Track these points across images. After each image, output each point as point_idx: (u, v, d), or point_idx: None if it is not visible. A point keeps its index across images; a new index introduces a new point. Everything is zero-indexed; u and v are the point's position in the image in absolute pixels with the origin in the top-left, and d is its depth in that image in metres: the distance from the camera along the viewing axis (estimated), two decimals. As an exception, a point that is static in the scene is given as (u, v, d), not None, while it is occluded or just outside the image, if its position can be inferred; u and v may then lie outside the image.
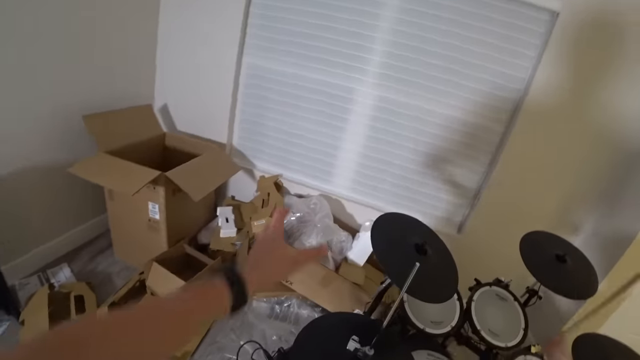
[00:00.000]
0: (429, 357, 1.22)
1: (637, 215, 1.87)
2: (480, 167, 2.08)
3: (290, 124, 2.23)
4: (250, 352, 1.22)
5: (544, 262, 1.35)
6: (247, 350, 1.31)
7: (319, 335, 0.86)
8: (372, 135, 2.13)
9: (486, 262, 1.86)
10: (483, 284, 1.50)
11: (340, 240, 1.93)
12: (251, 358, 1.12)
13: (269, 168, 2.32)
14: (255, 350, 1.15)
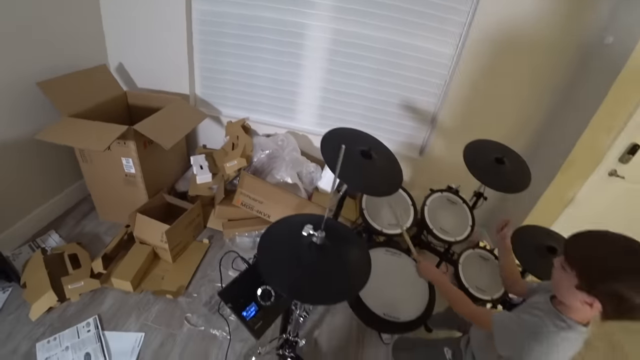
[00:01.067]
0: (386, 253, 1.42)
1: (577, 129, 2.08)
2: (436, 90, 2.19)
3: (249, 66, 2.23)
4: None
5: (485, 165, 1.52)
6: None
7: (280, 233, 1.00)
8: (331, 69, 2.17)
9: (445, 177, 2.05)
10: (435, 191, 1.69)
11: (309, 171, 2.06)
12: (231, 266, 1.28)
13: (235, 113, 2.37)
14: (235, 259, 1.32)
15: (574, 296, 0.82)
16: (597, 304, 0.77)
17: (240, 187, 2.00)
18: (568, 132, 2.20)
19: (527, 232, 1.53)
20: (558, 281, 0.87)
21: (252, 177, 1.96)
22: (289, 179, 1.95)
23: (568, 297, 0.85)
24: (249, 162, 2.08)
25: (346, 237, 1.01)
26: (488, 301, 1.49)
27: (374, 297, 1.25)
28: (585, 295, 0.78)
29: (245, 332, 1.71)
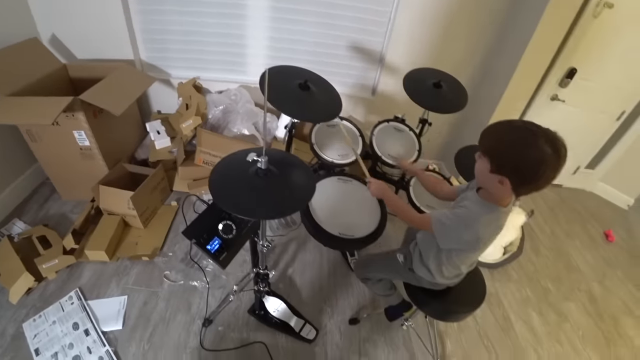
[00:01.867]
0: (338, 180, 1.52)
1: (517, 53, 2.19)
2: (382, 29, 2.23)
3: (193, 23, 2.17)
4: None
5: (424, 91, 1.61)
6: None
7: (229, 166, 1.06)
8: (276, 16, 2.15)
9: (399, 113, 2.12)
10: (382, 121, 1.79)
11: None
12: (193, 209, 1.35)
13: (185, 74, 2.32)
14: (195, 201, 1.39)
15: (491, 180, 0.96)
16: (506, 180, 0.91)
17: (199, 146, 2.02)
18: (510, 58, 2.31)
19: (469, 151, 1.67)
20: (478, 171, 1.01)
21: (209, 133, 1.99)
22: (245, 130, 1.99)
23: (487, 182, 0.99)
24: (204, 120, 2.09)
25: (291, 162, 1.08)
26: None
27: (330, 220, 1.36)
28: (498, 176, 0.92)
29: (223, 278, 1.84)
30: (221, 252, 1.19)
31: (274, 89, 1.27)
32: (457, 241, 1.06)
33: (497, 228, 1.04)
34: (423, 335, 1.76)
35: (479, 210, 1.02)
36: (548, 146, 0.85)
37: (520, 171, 0.89)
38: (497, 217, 1.02)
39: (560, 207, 3.21)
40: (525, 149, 0.88)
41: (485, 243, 1.06)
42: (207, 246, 1.18)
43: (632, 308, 2.34)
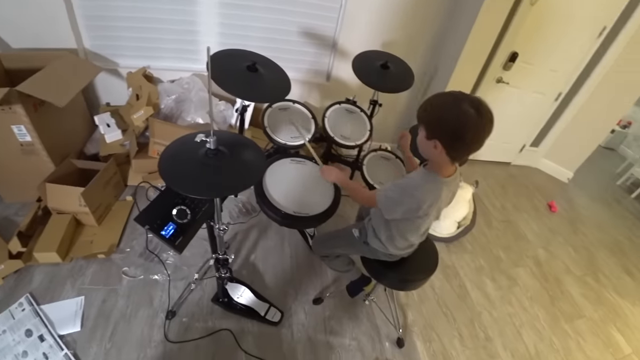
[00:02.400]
0: (292, 162, 1.55)
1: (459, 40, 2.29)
2: (334, 14, 2.26)
3: (140, 9, 2.07)
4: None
5: (372, 71, 1.67)
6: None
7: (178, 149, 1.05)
8: (227, 2, 2.11)
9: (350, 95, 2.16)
10: (334, 103, 1.83)
11: (220, 110, 2.07)
12: (146, 197, 1.33)
13: (134, 63, 2.22)
14: (148, 188, 1.36)
15: (428, 147, 1.03)
16: (438, 143, 0.99)
17: (152, 137, 1.96)
18: (455, 42, 2.43)
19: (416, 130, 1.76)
20: (418, 142, 1.09)
21: (162, 123, 1.94)
22: (199, 119, 1.96)
23: (425, 150, 1.06)
24: (156, 110, 2.02)
25: (240, 142, 1.09)
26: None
27: (285, 200, 1.38)
28: (432, 141, 1.00)
29: (184, 270, 1.82)
30: (176, 237, 1.18)
31: (222, 71, 1.26)
32: (401, 210, 1.12)
33: (438, 196, 1.10)
34: (385, 309, 1.84)
35: (419, 179, 1.10)
36: (471, 108, 0.92)
37: (447, 131, 0.97)
38: (437, 186, 1.08)
39: (509, 183, 3.44)
40: (450, 110, 0.96)
41: (427, 211, 1.11)
42: (162, 232, 1.17)
43: (571, 268, 2.59)
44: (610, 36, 2.95)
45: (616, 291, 2.52)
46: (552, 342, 1.99)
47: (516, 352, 1.87)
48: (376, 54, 1.89)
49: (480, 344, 1.85)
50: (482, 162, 3.61)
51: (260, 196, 1.37)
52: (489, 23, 2.28)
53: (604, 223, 3.34)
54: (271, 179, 1.45)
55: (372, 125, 1.86)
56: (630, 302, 2.46)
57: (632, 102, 3.29)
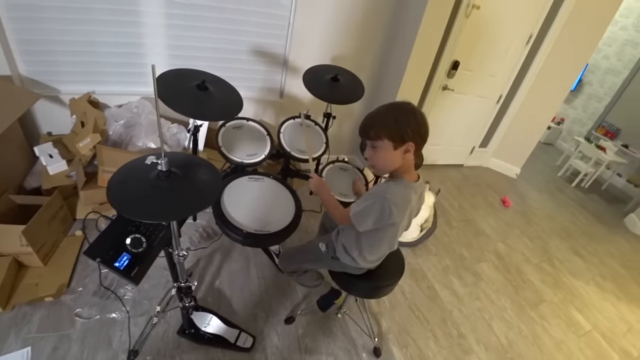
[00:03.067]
0: (250, 180, 1.52)
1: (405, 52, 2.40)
2: (282, 32, 2.30)
3: (81, 32, 1.96)
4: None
5: (323, 84, 1.70)
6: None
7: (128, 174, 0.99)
8: (174, 23, 2.07)
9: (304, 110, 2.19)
10: (288, 119, 1.84)
11: (173, 133, 2.00)
12: (96, 228, 1.24)
13: (77, 88, 2.08)
14: (98, 219, 1.27)
15: (397, 156, 1.09)
16: (411, 144, 1.07)
17: (101, 165, 1.85)
18: (401, 54, 2.56)
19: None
20: (381, 158, 1.12)
21: (111, 150, 1.84)
22: (151, 143, 1.87)
23: (394, 161, 1.11)
24: (104, 137, 1.91)
25: (194, 163, 1.06)
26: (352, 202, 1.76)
27: (245, 219, 1.35)
28: (403, 147, 1.07)
29: (145, 304, 1.70)
30: (132, 268, 1.10)
31: (170, 91, 1.23)
32: (373, 217, 1.12)
33: (408, 200, 1.12)
34: (358, 319, 1.83)
35: (388, 184, 1.13)
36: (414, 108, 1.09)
37: (414, 130, 1.07)
38: (407, 190, 1.12)
39: (464, 184, 3.62)
40: (410, 113, 1.07)
41: (397, 216, 1.12)
42: (115, 263, 1.09)
43: (529, 257, 2.76)
44: (536, 42, 3.26)
45: (570, 273, 2.72)
46: (520, 330, 2.08)
47: (489, 344, 1.93)
48: (326, 68, 1.93)
49: (454, 341, 1.89)
50: (438, 166, 3.79)
51: (220, 217, 1.32)
52: (430, 35, 2.43)
53: (552, 212, 3.62)
54: (230, 198, 1.41)
55: (328, 138, 1.89)
56: (583, 281, 2.67)
57: (561, 100, 3.64)
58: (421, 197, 1.22)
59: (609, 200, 4.46)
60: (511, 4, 2.89)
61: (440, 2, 2.29)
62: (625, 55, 5.17)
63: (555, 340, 2.08)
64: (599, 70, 5.52)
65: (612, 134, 5.23)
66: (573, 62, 3.36)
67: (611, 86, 5.34)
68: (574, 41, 3.21)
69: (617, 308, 2.51)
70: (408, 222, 1.24)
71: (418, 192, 1.17)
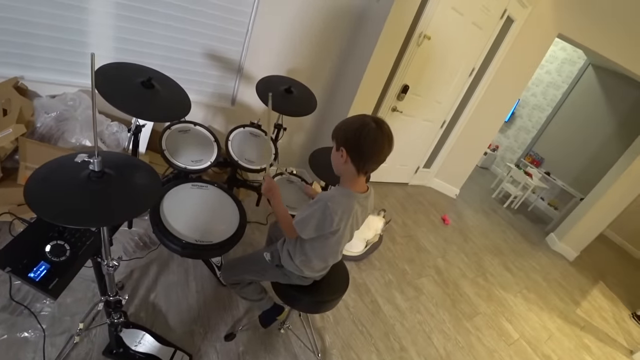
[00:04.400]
0: (193, 187, 1.45)
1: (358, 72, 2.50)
2: (240, 39, 2.26)
3: (15, 9, 1.73)
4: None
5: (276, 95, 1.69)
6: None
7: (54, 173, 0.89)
8: (124, 15, 1.92)
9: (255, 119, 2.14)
10: (238, 127, 1.80)
11: (112, 131, 1.84)
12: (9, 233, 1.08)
13: (3, 71, 1.84)
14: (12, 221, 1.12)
15: (337, 157, 1.12)
16: (344, 151, 1.09)
17: (22, 160, 1.64)
18: (355, 74, 2.64)
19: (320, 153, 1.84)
20: (332, 156, 1.16)
21: (37, 144, 1.64)
22: (86, 141, 1.70)
23: (335, 161, 1.15)
24: (30, 129, 1.70)
25: (131, 164, 0.98)
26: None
27: (185, 228, 1.27)
28: (340, 152, 1.09)
29: (66, 321, 1.51)
30: (50, 279, 0.98)
31: (112, 85, 1.13)
32: (314, 223, 1.13)
33: (350, 209, 1.14)
34: (301, 335, 1.80)
35: (331, 192, 1.16)
36: (372, 122, 1.06)
37: (350, 138, 1.08)
38: (350, 199, 1.13)
39: (408, 202, 3.79)
40: (354, 122, 1.09)
41: (339, 224, 1.13)
42: (30, 274, 0.95)
43: (466, 272, 2.95)
44: (478, 75, 3.57)
45: (501, 286, 2.96)
46: (457, 341, 2.19)
47: (429, 356, 2.00)
48: (280, 79, 1.93)
49: (396, 355, 1.93)
50: (384, 184, 3.94)
51: (157, 224, 1.23)
52: (383, 58, 2.55)
53: (486, 230, 3.92)
54: (170, 205, 1.32)
55: (277, 149, 1.87)
56: (512, 294, 2.92)
57: (497, 129, 4.01)
58: (365, 210, 1.23)
59: (534, 221, 4.97)
60: (459, 39, 3.14)
61: (394, 28, 2.42)
62: (549, 95, 5.88)
63: (488, 349, 2.23)
64: (528, 106, 6.20)
65: (537, 162, 5.86)
66: (507, 96, 3.74)
67: (537, 120, 6.02)
68: (508, 78, 3.57)
69: (539, 317, 2.78)
70: (350, 233, 1.26)
71: (363, 203, 1.18)
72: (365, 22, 2.51)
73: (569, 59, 5.61)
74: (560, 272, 3.72)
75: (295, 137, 2.94)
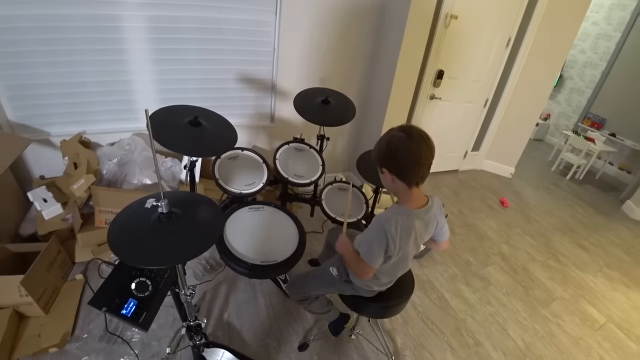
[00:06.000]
0: (250, 210, 1.51)
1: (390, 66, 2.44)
2: (269, 58, 2.32)
3: (68, 73, 1.97)
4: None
5: (314, 107, 1.72)
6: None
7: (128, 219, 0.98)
8: (160, 58, 2.08)
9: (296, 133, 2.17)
10: (282, 144, 1.85)
11: (167, 167, 1.99)
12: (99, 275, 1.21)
13: (68, 130, 2.07)
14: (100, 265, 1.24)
15: (386, 180, 1.10)
16: (386, 171, 1.08)
17: (97, 205, 1.83)
18: (387, 68, 2.60)
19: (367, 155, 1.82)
20: (382, 181, 1.15)
21: (106, 190, 1.81)
22: (147, 180, 1.86)
23: (386, 184, 1.13)
24: (98, 177, 1.89)
25: (193, 201, 1.05)
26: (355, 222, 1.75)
27: (249, 251, 1.33)
28: (384, 173, 1.09)
29: (154, 345, 1.65)
30: (140, 314, 1.07)
31: (163, 129, 1.23)
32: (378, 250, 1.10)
33: (408, 228, 1.10)
34: (372, 339, 1.80)
35: (387, 215, 1.11)
36: (398, 132, 1.05)
37: (385, 156, 1.07)
38: (407, 217, 1.10)
39: (460, 189, 3.63)
40: (382, 140, 1.09)
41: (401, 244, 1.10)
42: (122, 311, 1.06)
43: (534, 255, 2.75)
44: (515, 44, 3.34)
45: (577, 267, 2.71)
46: (536, 331, 2.05)
47: (507, 349, 1.90)
48: (316, 91, 1.95)
49: (471, 350, 1.86)
50: (433, 174, 3.80)
51: (224, 251, 1.30)
52: (413, 47, 2.48)
53: (550, 207, 3.63)
54: (231, 231, 1.39)
55: (324, 160, 1.89)
56: (591, 274, 2.66)
57: (546, 97, 3.71)
58: (429, 223, 1.18)
59: (604, 189, 4.50)
60: (487, 11, 2.97)
61: (419, 15, 2.35)
62: (600, 48, 5.32)
63: (572, 337, 2.06)
64: (577, 65, 5.66)
65: (598, 124, 5.33)
66: (552, 59, 3.44)
67: (591, 79, 5.47)
68: (550, 39, 3.30)
69: (628, 297, 2.50)
70: (417, 247, 1.22)
71: (424, 218, 1.14)
72: (388, 15, 2.46)
73: (618, 3, 5.03)
74: (645, 242, 3.35)
75: (338, 143, 2.96)
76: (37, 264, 1.69)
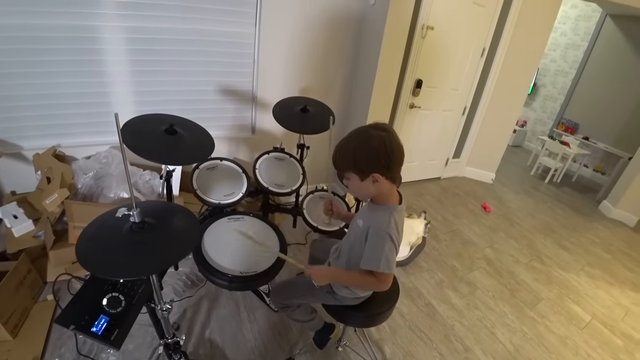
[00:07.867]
0: (229, 220, 1.47)
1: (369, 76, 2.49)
2: (249, 69, 2.32)
3: (44, 85, 1.90)
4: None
5: (293, 116, 1.71)
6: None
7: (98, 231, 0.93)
8: (139, 70, 2.05)
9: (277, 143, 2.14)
10: (262, 154, 1.83)
11: (145, 180, 1.93)
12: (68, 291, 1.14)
13: (41, 143, 1.99)
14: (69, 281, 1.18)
15: (368, 187, 1.05)
16: (377, 174, 1.01)
17: (70, 221, 1.75)
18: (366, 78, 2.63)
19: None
20: (354, 190, 1.09)
21: (80, 204, 1.74)
22: (124, 193, 1.80)
23: (365, 190, 1.07)
24: (72, 191, 1.82)
25: (168, 210, 1.01)
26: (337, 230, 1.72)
27: (229, 262, 1.29)
28: (369, 178, 1.02)
29: (131, 363, 1.56)
30: (111, 331, 1.01)
31: (138, 137, 1.19)
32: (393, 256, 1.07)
33: (401, 222, 1.09)
34: (360, 350, 1.75)
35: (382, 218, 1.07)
36: (377, 130, 1.01)
37: (378, 159, 1.00)
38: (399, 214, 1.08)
39: (443, 196, 3.67)
40: (367, 143, 1.00)
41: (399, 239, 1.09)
42: (92, 328, 1.00)
43: (518, 258, 2.79)
44: (490, 54, 3.46)
45: (560, 267, 2.76)
46: (524, 333, 2.05)
47: (496, 353, 1.88)
48: (294, 100, 1.95)
49: (461, 356, 1.84)
50: (416, 182, 3.85)
51: (202, 263, 1.26)
52: (391, 57, 2.53)
53: (531, 210, 3.71)
54: (210, 242, 1.35)
55: (304, 169, 1.88)
56: (574, 273, 2.72)
57: (521, 103, 3.84)
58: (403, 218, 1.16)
59: (582, 191, 4.65)
60: (461, 22, 3.07)
61: (396, 26, 2.40)
62: (570, 57, 5.57)
63: (559, 337, 2.07)
64: (549, 73, 5.90)
65: (572, 129, 5.53)
66: (525, 67, 3.57)
67: (563, 86, 5.71)
68: (523, 49, 3.43)
69: (610, 294, 2.55)
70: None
71: (402, 215, 1.12)
72: (366, 26, 2.51)
73: (583, 15, 5.31)
74: (623, 240, 3.43)
75: (320, 154, 2.94)
76: (5, 284, 1.59)
